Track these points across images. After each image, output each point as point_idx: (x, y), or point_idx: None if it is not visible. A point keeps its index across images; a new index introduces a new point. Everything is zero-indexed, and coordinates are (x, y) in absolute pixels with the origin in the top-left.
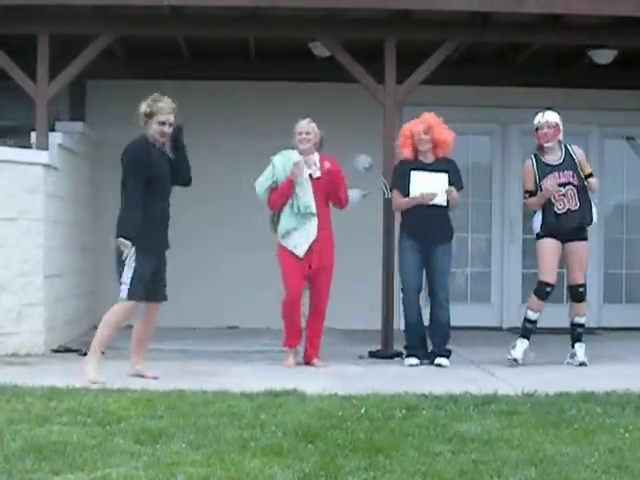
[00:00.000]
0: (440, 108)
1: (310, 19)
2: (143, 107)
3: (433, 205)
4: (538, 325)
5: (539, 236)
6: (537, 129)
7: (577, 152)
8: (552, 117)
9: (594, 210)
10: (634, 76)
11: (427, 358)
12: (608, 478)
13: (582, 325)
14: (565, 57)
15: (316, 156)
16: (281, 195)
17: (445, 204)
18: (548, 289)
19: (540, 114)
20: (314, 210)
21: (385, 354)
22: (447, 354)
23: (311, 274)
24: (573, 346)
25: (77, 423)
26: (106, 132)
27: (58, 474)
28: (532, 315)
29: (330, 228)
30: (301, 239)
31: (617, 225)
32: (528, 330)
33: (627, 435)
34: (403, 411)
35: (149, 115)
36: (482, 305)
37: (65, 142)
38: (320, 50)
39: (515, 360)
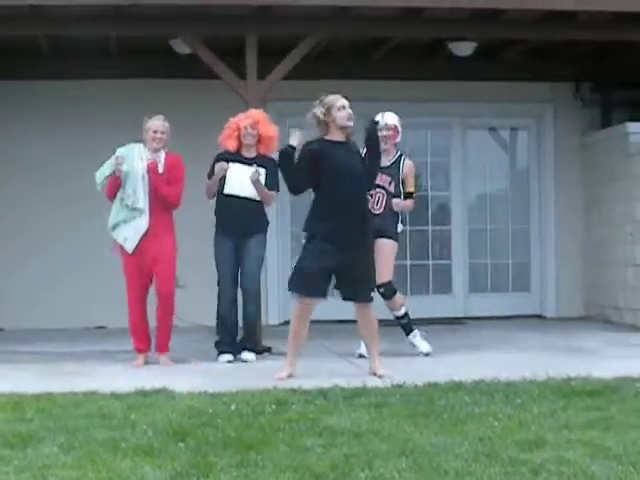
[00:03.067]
0: (304, 103)
1: (170, 16)
2: (318, 112)
3: (245, 198)
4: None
5: None
6: None
7: (406, 166)
8: (391, 119)
9: (399, 226)
10: (494, 68)
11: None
12: (478, 466)
13: (403, 316)
14: (426, 50)
15: (162, 153)
16: (109, 186)
17: (258, 198)
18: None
19: (380, 115)
20: (142, 205)
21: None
22: (253, 348)
23: (149, 272)
24: (407, 337)
25: None
26: None
27: None
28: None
29: (167, 222)
30: (129, 233)
31: (481, 215)
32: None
33: (496, 423)
34: (273, 406)
35: (328, 111)
36: None
37: None
38: (181, 47)
39: (361, 356)
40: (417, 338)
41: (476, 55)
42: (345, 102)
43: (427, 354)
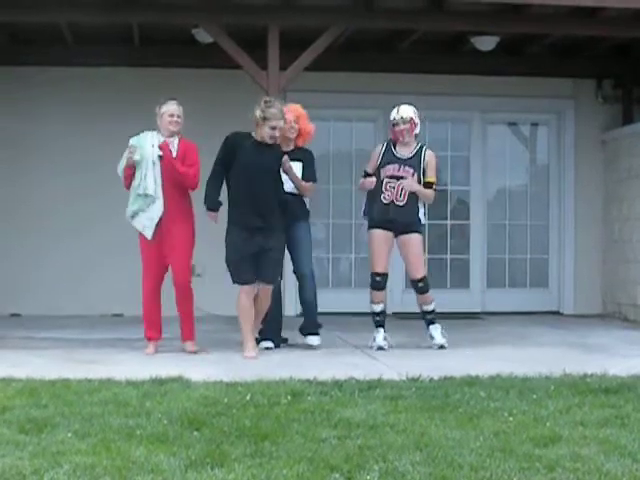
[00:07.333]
0: (325, 94)
1: (194, 5)
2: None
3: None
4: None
5: (369, 227)
6: (393, 125)
7: (428, 157)
8: (407, 112)
9: (421, 214)
10: (516, 63)
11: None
12: (493, 461)
13: (431, 312)
14: (449, 44)
15: (175, 139)
16: (125, 176)
17: (295, 192)
18: (378, 278)
19: (395, 109)
20: (151, 192)
21: None
22: (316, 332)
23: (167, 259)
24: (428, 328)
25: None
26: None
27: None
28: (376, 307)
29: (182, 209)
30: (147, 221)
31: (500, 210)
32: (379, 321)
33: (511, 419)
34: (288, 397)
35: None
36: (365, 291)
37: None
38: (203, 36)
39: (380, 347)
40: (437, 331)
41: (498, 50)
42: (280, 124)
43: (442, 346)
